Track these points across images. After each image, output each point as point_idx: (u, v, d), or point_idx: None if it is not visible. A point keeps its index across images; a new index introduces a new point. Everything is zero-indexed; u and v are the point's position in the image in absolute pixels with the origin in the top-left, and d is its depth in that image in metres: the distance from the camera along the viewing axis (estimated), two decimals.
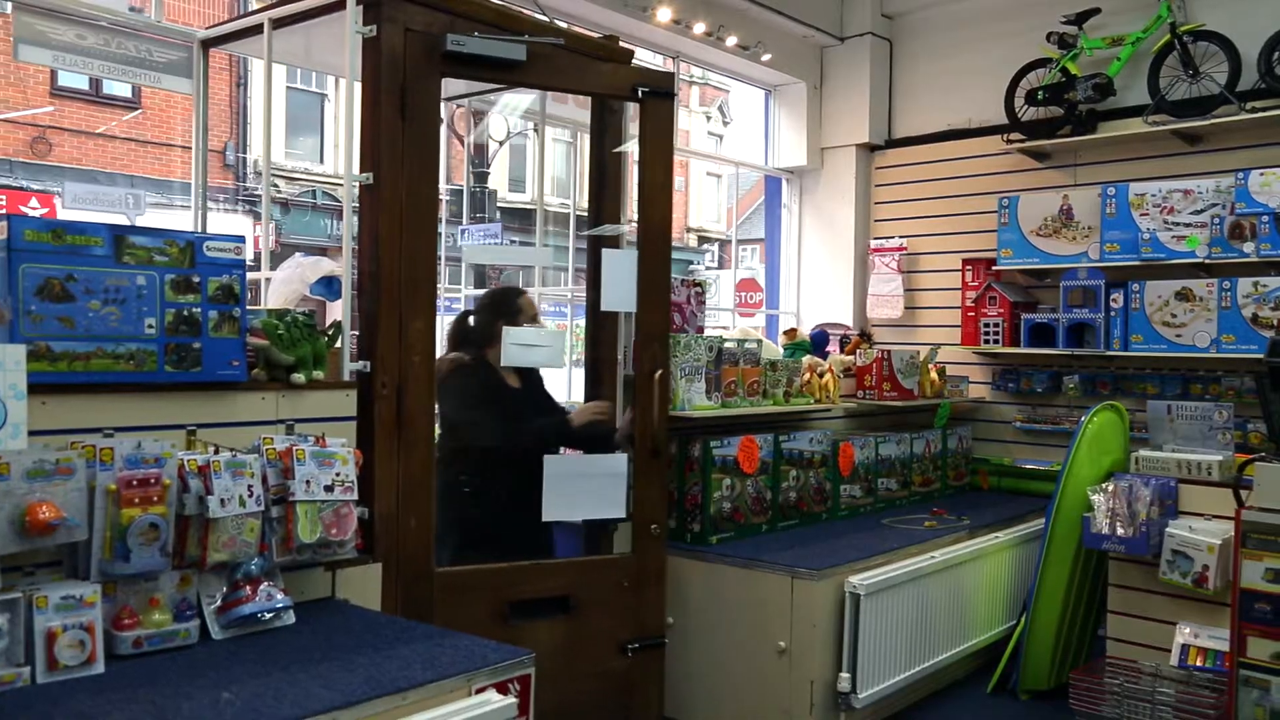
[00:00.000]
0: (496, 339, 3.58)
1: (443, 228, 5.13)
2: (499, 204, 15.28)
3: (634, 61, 3.95)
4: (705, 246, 25.31)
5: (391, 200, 3.24)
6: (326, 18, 3.33)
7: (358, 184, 3.22)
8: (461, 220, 4.96)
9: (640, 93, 3.69)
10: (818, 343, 5.44)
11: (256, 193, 14.66)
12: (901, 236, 6.44)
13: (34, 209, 12.24)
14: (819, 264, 6.80)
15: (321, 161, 16.34)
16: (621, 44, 4.00)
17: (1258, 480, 3.35)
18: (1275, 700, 3.27)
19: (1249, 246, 4.85)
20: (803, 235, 6.89)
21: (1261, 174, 4.80)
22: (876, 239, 6.55)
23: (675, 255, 3.76)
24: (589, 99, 4.12)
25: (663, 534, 3.84)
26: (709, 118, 24.43)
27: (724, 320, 7.26)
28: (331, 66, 3.53)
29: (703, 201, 25.39)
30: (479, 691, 2.46)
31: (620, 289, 3.72)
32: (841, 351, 5.76)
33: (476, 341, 3.85)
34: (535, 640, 3.53)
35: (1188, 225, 5.09)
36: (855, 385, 5.35)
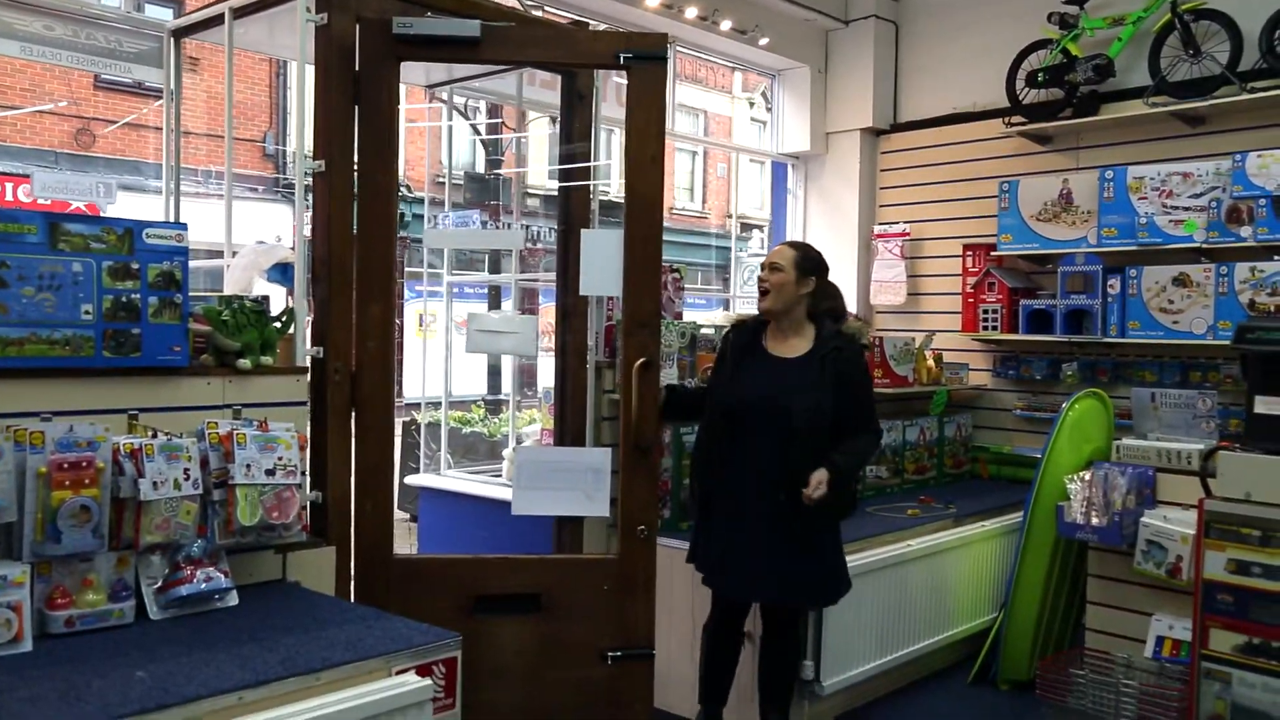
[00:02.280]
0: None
1: (450, 211, 5.18)
2: (538, 193, 15.32)
3: None
4: (747, 234, 25.24)
5: (344, 187, 3.27)
6: (285, 6, 3.37)
7: (310, 171, 3.25)
8: (466, 208, 4.97)
9: (624, 59, 3.40)
10: None
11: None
12: (905, 222, 6.37)
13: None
14: (823, 249, 6.70)
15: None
16: (604, 29, 3.92)
17: (1221, 470, 3.28)
18: (1237, 693, 3.20)
19: (1246, 230, 4.73)
20: (808, 221, 6.84)
21: (1259, 156, 4.68)
22: (880, 225, 6.48)
23: (720, 243, 3.61)
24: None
25: (652, 536, 3.52)
26: (752, 104, 24.31)
27: None
28: (295, 53, 3.54)
29: (748, 190, 25.32)
30: (399, 673, 2.48)
31: (601, 271, 3.47)
32: None
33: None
34: (501, 638, 3.47)
35: (1186, 209, 4.98)
36: None
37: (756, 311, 3.67)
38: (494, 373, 14.71)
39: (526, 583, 3.49)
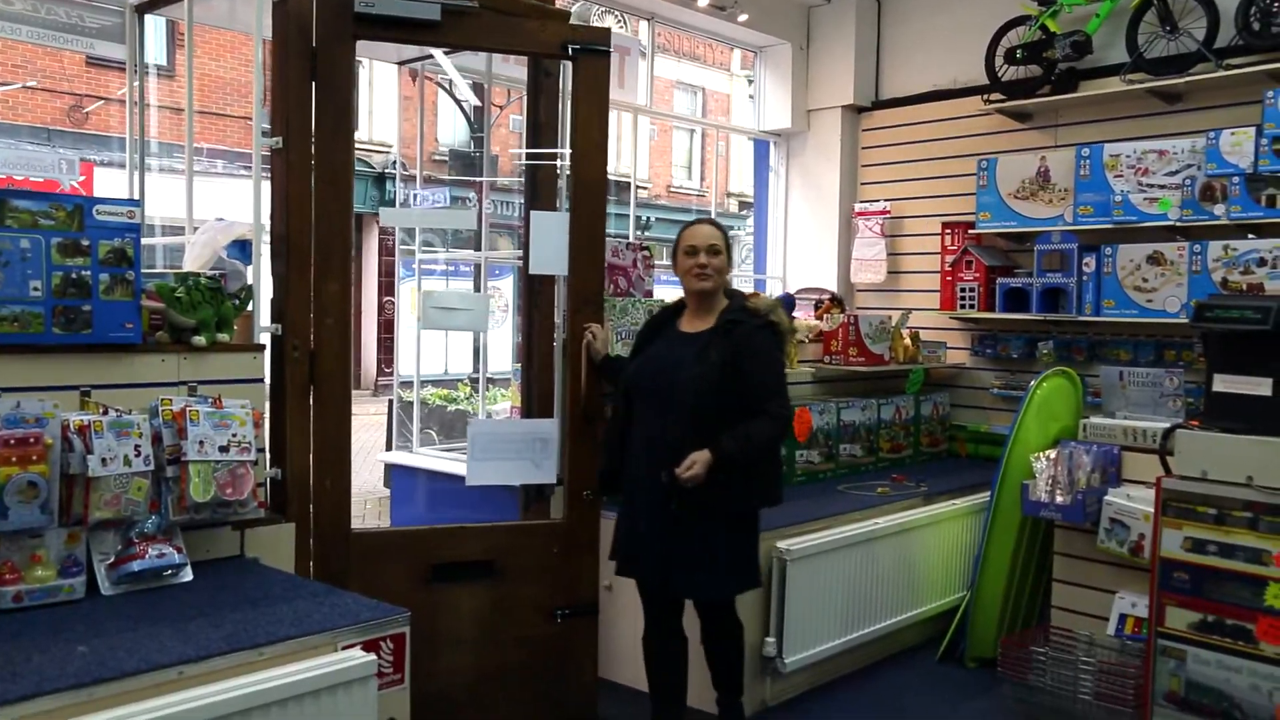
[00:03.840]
0: None
1: (422, 189, 5.18)
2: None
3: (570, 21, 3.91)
4: (745, 212, 25.18)
5: (302, 164, 3.27)
6: None
7: (268, 147, 3.24)
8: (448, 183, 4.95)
9: (571, 50, 3.60)
10: (785, 307, 5.37)
11: None
12: (886, 200, 6.34)
13: None
14: (805, 228, 6.73)
15: (357, 128, 16.46)
16: (577, 5, 3.95)
17: (1179, 448, 3.28)
18: (1192, 670, 3.21)
19: (1220, 209, 4.71)
20: (789, 199, 6.81)
21: (1233, 134, 4.65)
22: (861, 202, 6.46)
23: (721, 221, 3.63)
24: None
25: (596, 500, 3.79)
26: (751, 81, 24.22)
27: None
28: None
29: (743, 167, 25.25)
30: (345, 649, 2.49)
31: (549, 251, 3.68)
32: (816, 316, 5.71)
33: None
34: (457, 603, 3.61)
35: (1162, 187, 4.96)
36: (822, 350, 5.30)
37: (696, 287, 3.44)
38: (480, 352, 14.74)
39: (480, 550, 3.65)
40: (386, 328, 17.07)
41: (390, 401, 7.62)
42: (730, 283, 3.59)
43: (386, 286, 17.32)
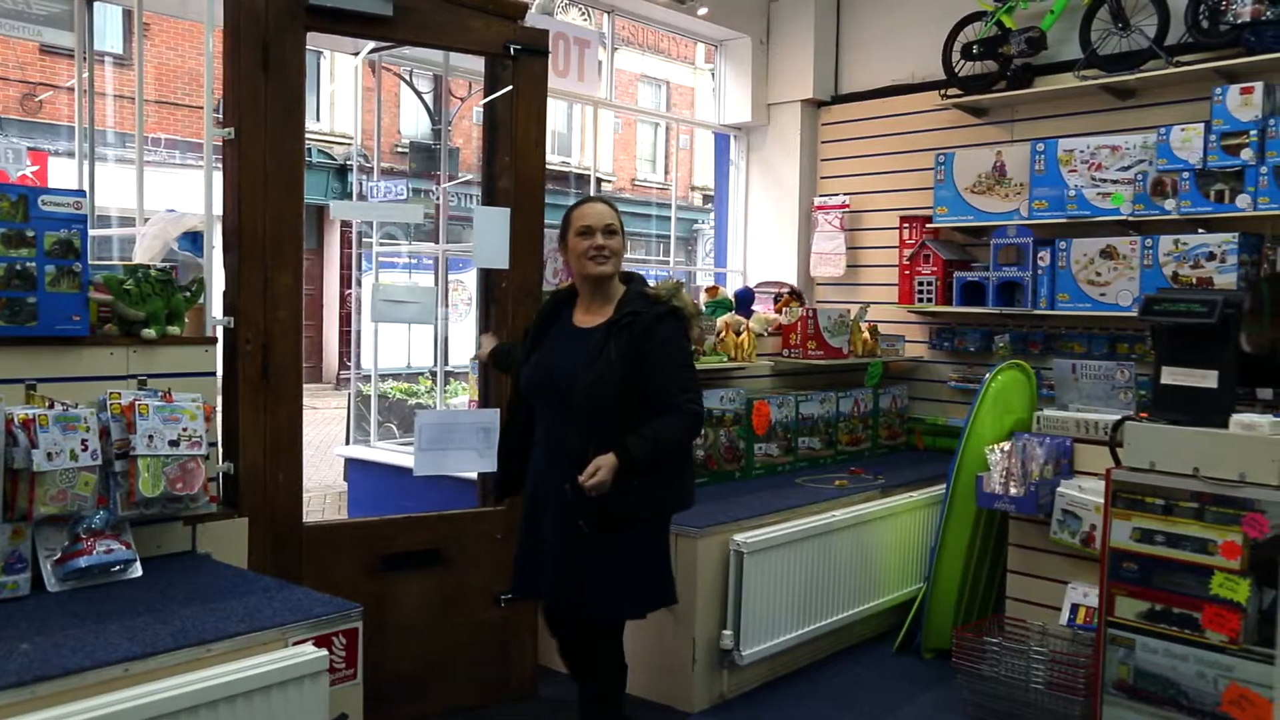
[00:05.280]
0: None
1: (380, 181, 5.13)
2: None
3: (527, 15, 3.90)
4: (709, 205, 25.21)
5: (254, 155, 3.23)
6: None
7: (220, 139, 3.21)
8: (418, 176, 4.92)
9: (513, 50, 3.71)
10: (742, 301, 5.40)
11: None
12: (845, 194, 6.37)
13: None
14: (765, 221, 6.75)
15: (318, 119, 16.32)
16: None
17: (1127, 440, 3.32)
18: (1140, 659, 3.26)
19: (1170, 203, 4.77)
20: (749, 192, 6.83)
21: (1182, 130, 4.71)
22: (821, 196, 6.49)
23: (680, 215, 3.71)
24: None
25: None
26: (714, 75, 24.21)
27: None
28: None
29: (707, 160, 25.26)
30: (296, 644, 2.48)
31: (492, 245, 3.75)
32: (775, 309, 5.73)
33: None
34: (406, 592, 3.67)
35: (1114, 182, 5.02)
36: (781, 344, 5.32)
37: (594, 272, 3.12)
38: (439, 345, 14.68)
39: (427, 539, 3.73)
40: (348, 321, 16.94)
41: (350, 395, 7.58)
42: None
43: (348, 279, 17.19)
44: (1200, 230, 4.76)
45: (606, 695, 3.24)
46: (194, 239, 3.28)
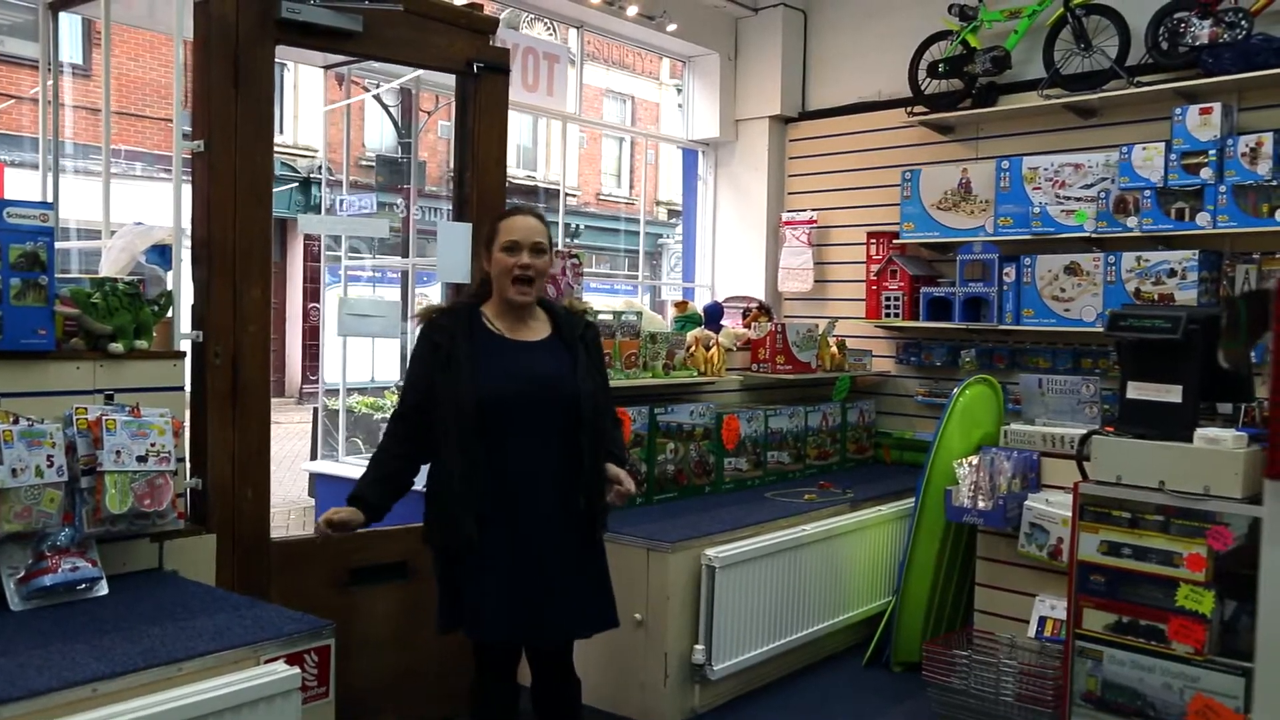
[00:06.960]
0: None
1: (348, 195, 5.10)
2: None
3: (498, 30, 3.92)
4: (674, 220, 25.30)
5: (224, 168, 3.21)
6: None
7: (189, 151, 3.18)
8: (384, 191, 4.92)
9: (475, 68, 3.74)
10: (711, 315, 5.42)
11: None
12: (812, 209, 6.42)
13: None
14: (733, 237, 6.78)
15: (282, 132, 16.21)
16: (506, 12, 4.01)
17: (1094, 454, 3.36)
18: (1108, 670, 3.29)
19: (1132, 221, 4.85)
20: (718, 207, 6.86)
21: (1144, 149, 4.80)
22: (789, 212, 6.53)
23: (646, 229, 3.77)
24: None
25: None
26: (680, 90, 24.34)
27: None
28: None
29: (672, 175, 25.35)
30: (268, 662, 2.45)
31: (455, 260, 3.76)
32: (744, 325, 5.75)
33: None
34: (374, 605, 3.66)
35: (1078, 199, 5.10)
36: (750, 358, 5.34)
37: (515, 300, 2.90)
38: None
39: (394, 551, 3.72)
40: (312, 335, 16.80)
41: (315, 410, 7.51)
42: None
43: (312, 293, 17.06)
44: (1161, 247, 4.84)
45: (578, 711, 3.17)
46: (161, 252, 3.23)
